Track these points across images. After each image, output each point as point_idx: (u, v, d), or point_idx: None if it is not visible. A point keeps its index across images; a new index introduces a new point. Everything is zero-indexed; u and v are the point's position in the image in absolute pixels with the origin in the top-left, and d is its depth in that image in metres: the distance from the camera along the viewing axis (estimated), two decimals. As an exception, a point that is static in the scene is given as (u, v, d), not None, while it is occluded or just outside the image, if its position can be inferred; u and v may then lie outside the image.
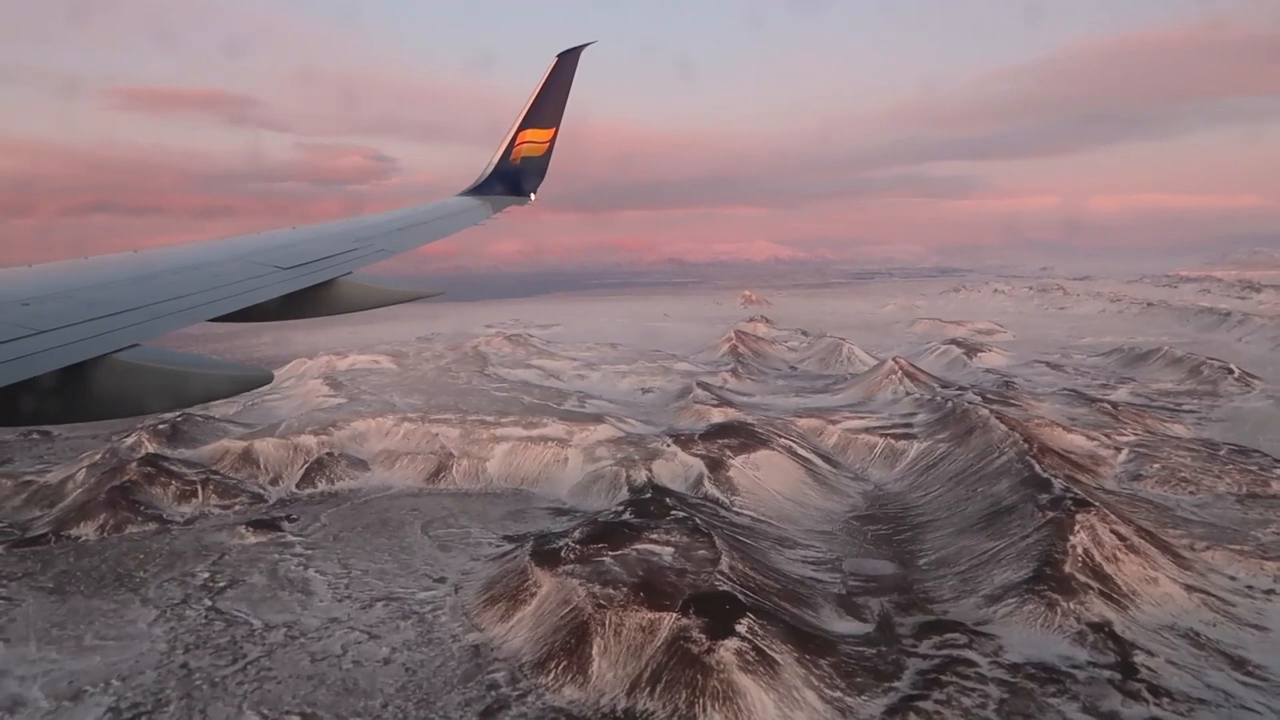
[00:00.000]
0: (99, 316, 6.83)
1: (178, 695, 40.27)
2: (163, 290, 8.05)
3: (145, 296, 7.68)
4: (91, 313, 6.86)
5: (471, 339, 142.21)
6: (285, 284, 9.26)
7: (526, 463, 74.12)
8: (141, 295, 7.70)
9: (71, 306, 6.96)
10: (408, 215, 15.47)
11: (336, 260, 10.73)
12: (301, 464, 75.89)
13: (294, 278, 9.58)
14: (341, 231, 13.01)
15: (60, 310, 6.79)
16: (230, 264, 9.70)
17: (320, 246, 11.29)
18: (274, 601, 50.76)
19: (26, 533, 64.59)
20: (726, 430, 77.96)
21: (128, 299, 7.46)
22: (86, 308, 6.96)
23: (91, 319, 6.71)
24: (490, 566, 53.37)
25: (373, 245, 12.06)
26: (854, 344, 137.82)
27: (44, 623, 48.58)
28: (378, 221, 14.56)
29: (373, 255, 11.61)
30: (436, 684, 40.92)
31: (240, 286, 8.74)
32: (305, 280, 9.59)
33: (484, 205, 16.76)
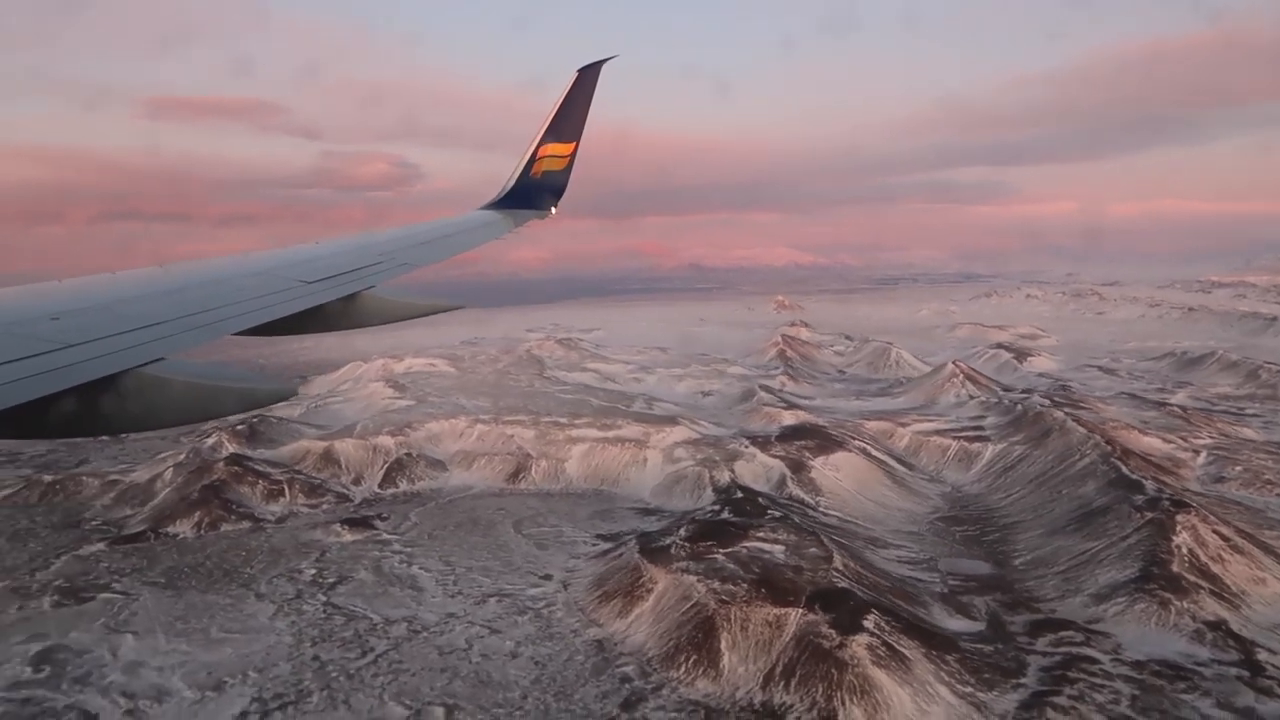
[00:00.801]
0: (127, 330, 6.90)
1: (317, 686, 41.12)
2: (189, 304, 8.18)
3: (172, 310, 7.79)
4: (119, 326, 6.95)
5: (523, 343, 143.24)
6: (309, 298, 9.38)
7: (605, 463, 74.82)
8: (168, 309, 7.80)
9: (100, 320, 7.06)
10: (431, 229, 15.72)
11: (360, 274, 10.85)
12: (381, 464, 76.88)
13: (318, 291, 9.69)
14: (365, 245, 13.22)
15: (89, 324, 6.87)
16: (255, 278, 9.84)
17: (343, 260, 11.42)
18: (386, 597, 51.61)
19: (122, 530, 65.74)
20: (801, 432, 78.48)
21: (155, 313, 7.54)
22: (115, 321, 7.06)
23: (119, 333, 6.80)
24: (595, 564, 54.05)
25: (395, 259, 12.25)
26: (901, 348, 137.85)
27: (166, 616, 49.60)
28: (401, 235, 14.76)
29: (395, 269, 11.77)
30: (568, 677, 41.61)
31: (265, 300, 8.85)
32: (329, 294, 9.71)
33: (506, 219, 16.96)
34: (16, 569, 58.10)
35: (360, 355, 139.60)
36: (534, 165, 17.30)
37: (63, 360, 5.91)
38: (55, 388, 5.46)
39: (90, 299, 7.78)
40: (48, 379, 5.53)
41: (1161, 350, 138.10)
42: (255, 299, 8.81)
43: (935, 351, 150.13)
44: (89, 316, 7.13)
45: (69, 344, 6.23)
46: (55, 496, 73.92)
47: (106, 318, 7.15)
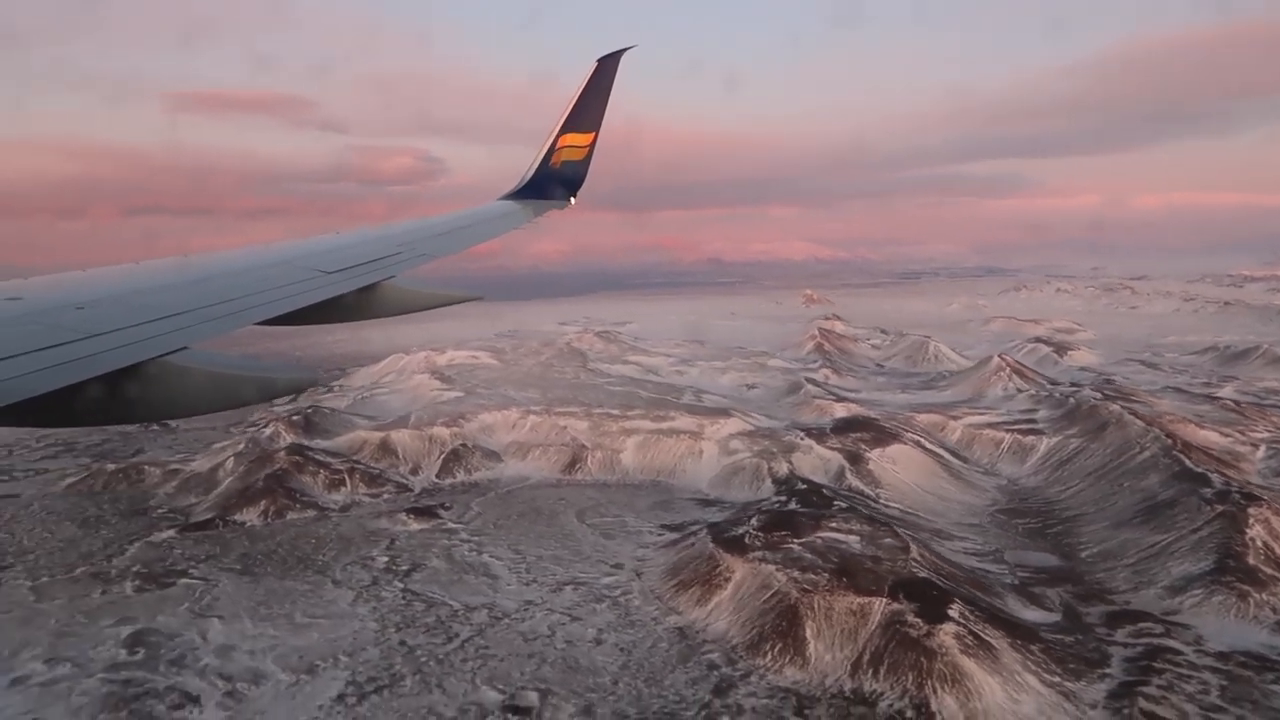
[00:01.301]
0: (150, 320, 6.96)
1: (409, 671, 41.79)
2: (211, 294, 8.25)
3: (194, 300, 7.83)
4: (143, 316, 7.01)
5: (562, 335, 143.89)
6: (329, 288, 9.42)
7: (661, 455, 75.25)
8: (191, 299, 7.86)
9: (124, 310, 7.13)
10: (450, 220, 15.76)
11: (379, 264, 10.88)
12: (438, 455, 77.63)
13: (338, 282, 9.72)
14: (385, 236, 13.26)
15: (113, 314, 6.95)
16: (276, 268, 9.92)
17: (363, 251, 11.44)
18: (462, 585, 52.26)
19: (190, 518, 66.77)
20: (855, 425, 78.65)
21: (177, 303, 7.61)
22: (138, 311, 7.11)
23: (143, 322, 6.86)
24: (666, 553, 54.51)
25: (415, 249, 12.24)
26: (939, 342, 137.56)
27: (248, 602, 50.45)
28: (420, 226, 14.81)
29: (415, 259, 11.78)
30: (655, 663, 42.09)
31: (286, 290, 8.91)
32: (349, 284, 9.75)
33: (525, 210, 16.98)
34: (93, 554, 59.21)
35: (398, 348, 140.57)
36: (553, 155, 17.42)
37: (87, 350, 6.00)
38: (80, 376, 5.54)
39: (113, 289, 7.90)
40: (73, 368, 5.61)
41: (1202, 345, 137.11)
42: (276, 289, 8.89)
43: (971, 345, 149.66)
44: (112, 306, 7.23)
45: (93, 333, 6.32)
46: (119, 484, 75.12)
47: (130, 308, 7.23)
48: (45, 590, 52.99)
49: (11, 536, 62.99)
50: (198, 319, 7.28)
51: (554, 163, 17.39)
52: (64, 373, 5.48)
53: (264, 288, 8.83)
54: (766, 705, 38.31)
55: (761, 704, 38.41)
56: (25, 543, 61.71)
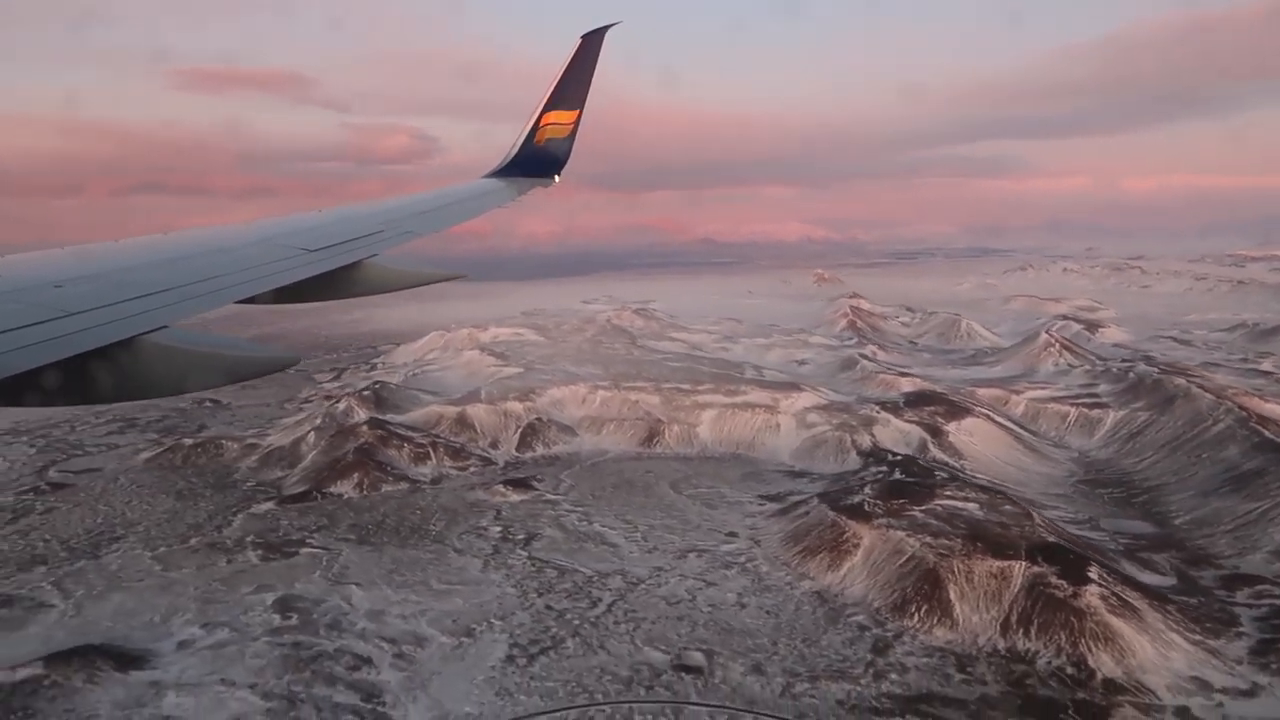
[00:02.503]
0: (129, 298, 6.86)
1: (567, 634, 42.83)
2: (192, 272, 8.14)
3: (175, 278, 7.74)
4: (122, 294, 6.90)
5: (600, 313, 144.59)
6: (312, 266, 9.35)
7: (738, 428, 76.35)
8: (171, 277, 7.77)
9: (102, 288, 7.01)
10: (434, 197, 15.67)
11: (363, 242, 10.81)
12: (515, 429, 78.43)
13: (320, 260, 9.64)
14: (368, 213, 13.15)
15: (92, 292, 6.83)
16: (258, 246, 9.81)
17: (346, 229, 11.34)
18: (584, 552, 53.27)
19: (283, 490, 67.38)
20: (925, 399, 79.99)
21: (157, 281, 7.51)
22: (117, 290, 7.02)
23: (122, 300, 6.76)
24: (779, 522, 55.68)
25: (399, 227, 12.17)
26: (970, 320, 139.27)
27: (378, 570, 51.30)
28: (404, 204, 14.71)
29: (399, 237, 11.70)
30: (805, 625, 43.31)
31: (268, 269, 8.83)
32: (331, 262, 9.68)
33: (509, 187, 16.90)
34: (201, 525, 59.86)
35: (424, 327, 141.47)
36: (538, 133, 17.32)
37: (65, 328, 5.91)
38: (58, 355, 5.45)
39: (92, 267, 7.78)
40: (50, 347, 5.53)
41: (1229, 322, 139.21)
42: (258, 267, 8.80)
43: (998, 323, 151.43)
44: (91, 284, 7.10)
45: (71, 312, 6.21)
46: (199, 458, 75.58)
47: (109, 286, 7.14)
48: (168, 559, 53.64)
49: (112, 509, 63.50)
50: (178, 297, 7.21)
51: (538, 140, 17.36)
52: (41, 351, 5.40)
53: (246, 266, 8.73)
54: (928, 664, 39.59)
55: (922, 662, 39.70)
56: (128, 515, 62.23)
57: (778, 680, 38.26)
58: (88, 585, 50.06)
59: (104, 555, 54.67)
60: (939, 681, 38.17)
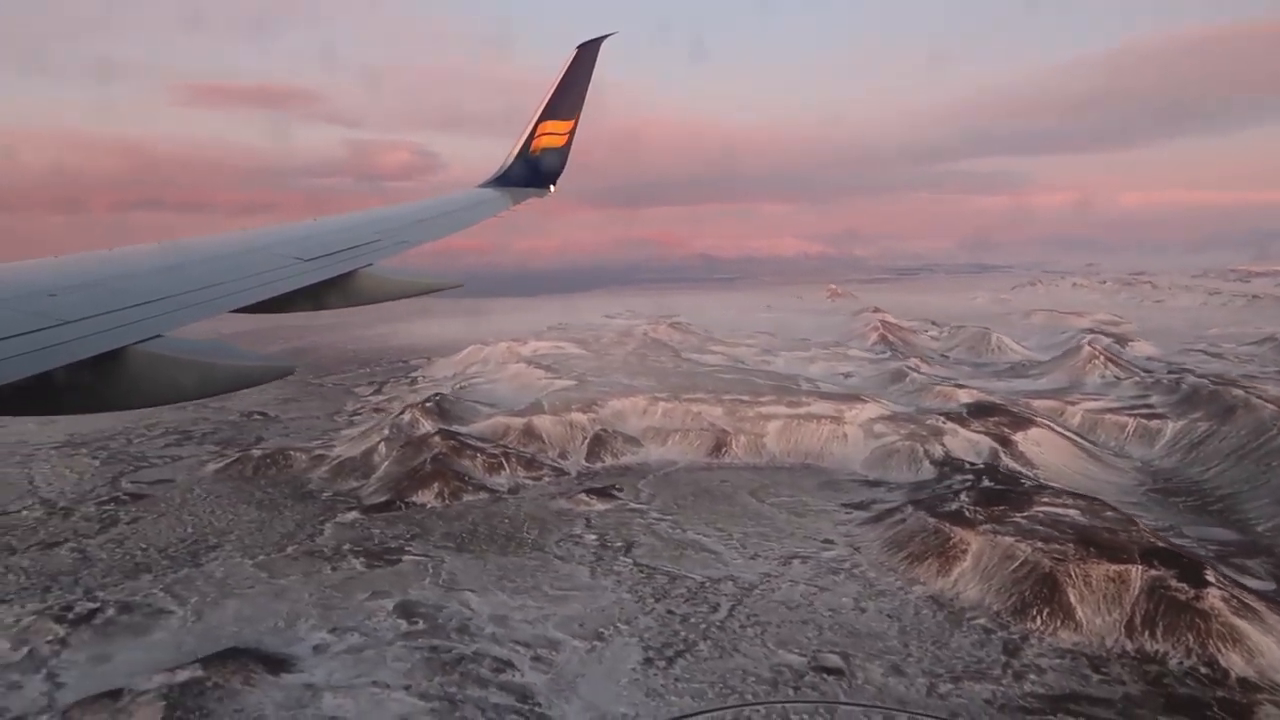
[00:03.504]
0: (123, 307, 6.85)
1: (698, 637, 43.46)
2: (186, 281, 8.12)
3: (169, 287, 7.72)
4: (116, 303, 6.90)
5: (635, 326, 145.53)
6: (306, 275, 9.32)
7: (805, 438, 77.19)
8: (165, 286, 7.74)
9: (97, 297, 7.02)
10: (428, 207, 15.63)
11: (357, 252, 10.77)
12: (581, 440, 79.11)
13: (315, 269, 9.61)
14: (362, 223, 13.11)
15: (85, 301, 6.84)
16: (252, 255, 9.85)
17: (341, 238, 11.31)
18: (688, 559, 53.91)
19: (362, 500, 67.87)
20: (987, 410, 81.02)
21: (152, 289, 7.51)
22: (111, 298, 7.02)
23: (116, 309, 6.75)
24: (875, 530, 56.47)
25: (395, 237, 12.10)
26: (1000, 333, 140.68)
27: (486, 577, 51.86)
28: (398, 213, 14.62)
29: (393, 247, 11.64)
30: (930, 628, 44.03)
31: (262, 278, 8.81)
32: (326, 272, 9.64)
33: (504, 196, 16.79)
34: (293, 534, 60.32)
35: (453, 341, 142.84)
36: (532, 142, 17.33)
37: (59, 337, 5.92)
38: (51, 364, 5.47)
39: (87, 276, 7.79)
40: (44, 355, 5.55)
41: (1255, 336, 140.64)
42: (252, 276, 8.78)
43: (1024, 337, 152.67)
44: (86, 293, 7.11)
45: (66, 320, 6.23)
46: (268, 469, 76.01)
47: (103, 294, 7.12)
48: (271, 567, 54.10)
49: (198, 518, 63.94)
50: (173, 306, 7.21)
51: (533, 150, 17.38)
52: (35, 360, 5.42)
53: (241, 274, 8.74)
54: (1062, 665, 40.33)
55: (1056, 663, 40.44)
56: (216, 524, 62.67)
57: (920, 681, 38.92)
58: (199, 592, 50.47)
59: (205, 563, 55.07)
60: (1078, 681, 38.90)
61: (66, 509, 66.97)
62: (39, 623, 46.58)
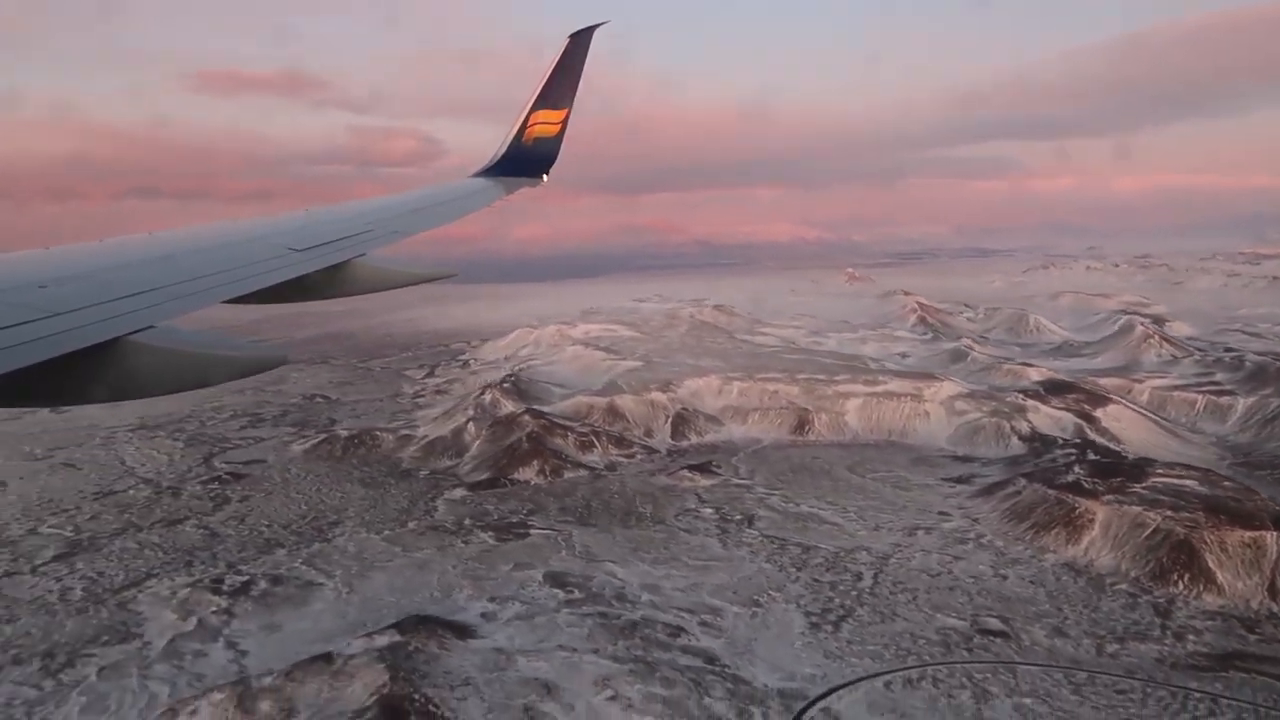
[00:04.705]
0: (115, 298, 6.85)
1: (852, 603, 44.77)
2: (178, 272, 8.10)
3: (161, 278, 7.71)
4: (108, 294, 6.90)
5: (678, 309, 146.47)
6: (299, 266, 9.33)
7: (886, 416, 78.48)
8: (157, 277, 7.74)
9: (88, 288, 7.00)
10: (421, 196, 15.66)
11: (350, 242, 10.78)
12: (664, 419, 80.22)
13: (308, 259, 9.60)
14: (355, 213, 13.11)
15: (77, 292, 6.81)
16: (245, 245, 9.83)
17: (334, 228, 11.30)
18: (812, 531, 55.20)
19: (463, 478, 68.90)
20: (1061, 387, 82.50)
21: (144, 280, 7.50)
22: (103, 289, 7.02)
23: (107, 300, 6.76)
24: (988, 502, 57.85)
25: (387, 227, 12.17)
26: (1038, 315, 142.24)
27: (619, 549, 53.03)
28: (391, 203, 14.67)
29: (387, 237, 11.66)
30: (1075, 593, 45.44)
31: (255, 269, 8.82)
32: (319, 262, 9.65)
33: (496, 186, 16.83)
34: (409, 511, 61.39)
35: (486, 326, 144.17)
36: (525, 132, 17.34)
37: (50, 329, 5.90)
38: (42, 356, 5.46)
39: (78, 267, 7.76)
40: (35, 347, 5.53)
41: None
42: (245, 266, 8.79)
43: (1058, 318, 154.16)
44: (77, 284, 7.08)
45: (56, 312, 6.22)
46: (358, 449, 76.84)
47: (95, 286, 7.12)
48: (400, 541, 55.18)
49: (306, 496, 64.94)
50: (165, 297, 7.21)
51: (526, 139, 17.40)
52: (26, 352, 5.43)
53: (233, 265, 8.75)
54: (1215, 626, 41.79)
55: (1209, 625, 41.89)
56: (327, 501, 63.68)
57: (1085, 642, 40.29)
58: (340, 566, 51.49)
59: (334, 538, 56.09)
60: (1237, 641, 40.36)
61: (172, 488, 67.81)
62: (196, 594, 47.57)
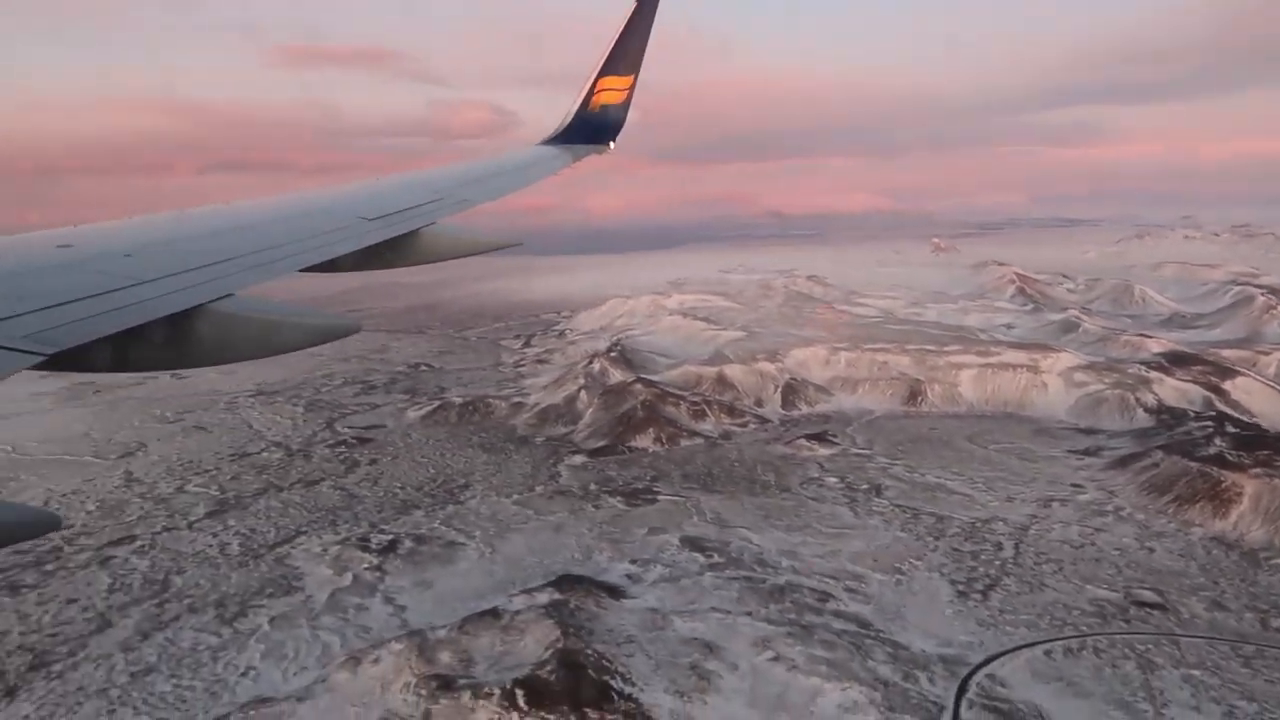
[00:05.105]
0: (196, 267, 7.04)
1: (997, 573, 44.58)
2: (255, 241, 8.29)
3: (239, 247, 7.89)
4: (189, 263, 7.09)
5: (770, 279, 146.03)
6: (371, 234, 9.43)
7: (1002, 387, 77.22)
8: (235, 246, 7.92)
9: (170, 258, 7.18)
10: (489, 165, 15.55)
11: (419, 211, 10.83)
12: (773, 389, 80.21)
13: (379, 228, 9.70)
14: (423, 182, 13.11)
15: (160, 261, 7.00)
16: (318, 216, 9.91)
17: (403, 197, 11.37)
18: (942, 501, 54.93)
19: (578, 444, 70.09)
20: (1186, 359, 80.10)
21: (222, 250, 7.68)
22: (184, 259, 7.19)
23: (189, 269, 6.95)
24: (1122, 474, 56.78)
25: (455, 195, 12.15)
26: (1145, 286, 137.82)
27: (750, 515, 53.55)
28: (459, 171, 14.54)
29: (455, 205, 11.68)
30: (1229, 566, 44.48)
31: (328, 238, 8.93)
32: (390, 231, 9.72)
33: (564, 154, 16.63)
34: (534, 476, 62.83)
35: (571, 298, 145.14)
36: (592, 98, 17.01)
37: (135, 296, 6.09)
38: (129, 323, 5.65)
39: (160, 236, 8.01)
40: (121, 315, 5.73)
41: None
42: (319, 236, 8.92)
43: (1162, 290, 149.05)
44: (159, 254, 7.30)
45: (141, 280, 6.42)
46: (472, 416, 78.69)
47: (176, 255, 7.31)
48: (533, 505, 56.60)
49: (430, 460, 67.00)
50: (242, 266, 7.40)
51: (593, 106, 17.10)
52: (113, 319, 5.63)
53: (307, 235, 8.89)
54: (1387, 602, 40.47)
55: (1380, 600, 40.59)
56: (453, 465, 65.59)
57: (1248, 616, 39.50)
58: (478, 527, 53.09)
59: (465, 501, 57.80)
60: None
61: (302, 451, 70.47)
62: (347, 551, 49.60)
